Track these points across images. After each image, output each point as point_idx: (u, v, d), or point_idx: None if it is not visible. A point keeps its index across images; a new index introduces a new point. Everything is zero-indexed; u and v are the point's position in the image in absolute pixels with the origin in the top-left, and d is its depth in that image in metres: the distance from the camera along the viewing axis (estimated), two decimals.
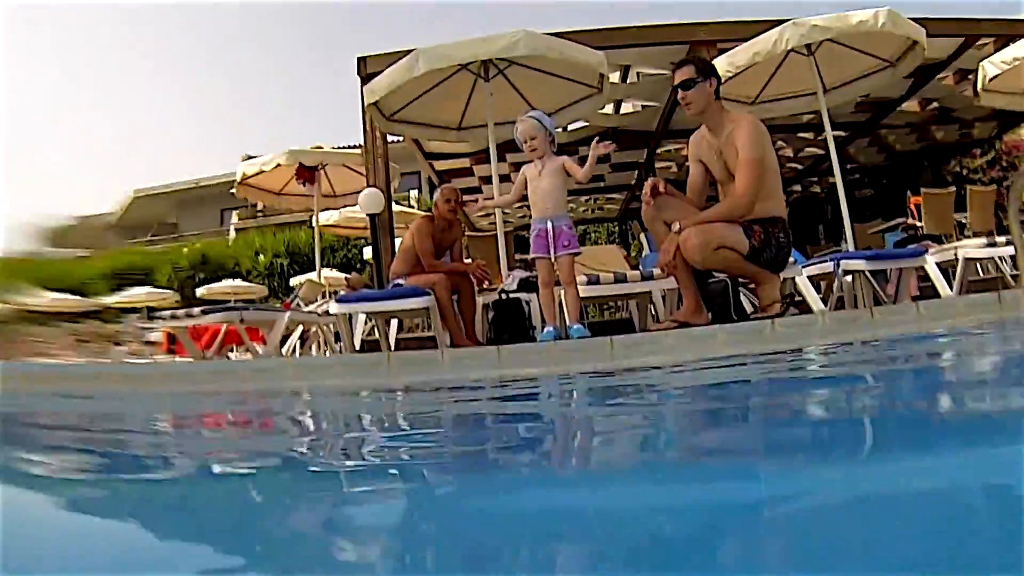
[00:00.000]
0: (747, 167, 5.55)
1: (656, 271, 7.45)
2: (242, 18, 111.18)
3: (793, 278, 6.47)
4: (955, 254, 8.87)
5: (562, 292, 6.08)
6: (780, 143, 15.63)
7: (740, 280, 7.32)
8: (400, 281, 8.02)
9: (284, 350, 11.10)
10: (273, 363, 5.38)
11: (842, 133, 15.50)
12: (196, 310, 8.58)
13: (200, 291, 26.17)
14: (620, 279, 7.36)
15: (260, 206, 36.10)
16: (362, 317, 8.43)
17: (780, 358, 4.45)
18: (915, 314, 5.40)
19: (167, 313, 8.92)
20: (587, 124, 14.56)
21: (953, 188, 13.40)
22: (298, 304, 11.96)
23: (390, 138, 11.82)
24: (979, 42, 12.65)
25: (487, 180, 16.71)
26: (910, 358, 4.28)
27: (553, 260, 5.78)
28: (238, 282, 26.34)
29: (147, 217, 44.50)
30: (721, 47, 10.95)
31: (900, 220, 12.90)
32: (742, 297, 7.43)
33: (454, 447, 2.56)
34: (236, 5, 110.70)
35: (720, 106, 5.91)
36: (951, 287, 8.24)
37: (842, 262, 7.72)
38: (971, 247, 8.96)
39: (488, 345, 7.80)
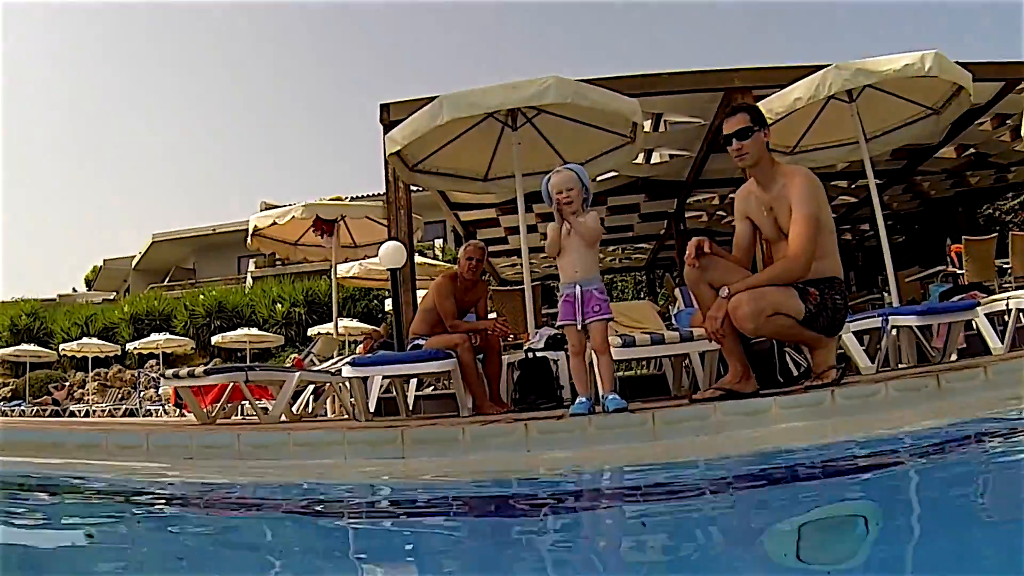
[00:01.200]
0: (802, 224, 5.09)
1: (696, 331, 7.00)
2: (268, 61, 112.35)
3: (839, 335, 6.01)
4: (1007, 304, 8.37)
5: (594, 359, 5.66)
6: None
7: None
8: (420, 341, 7.61)
9: (296, 406, 10.69)
10: (273, 438, 4.90)
11: (877, 181, 15.01)
12: (199, 370, 8.19)
13: (215, 339, 26.23)
14: (657, 340, 6.88)
15: (292, 259, 35.82)
16: (379, 378, 8.01)
17: (880, 457, 3.82)
18: (983, 379, 4.91)
19: (170, 372, 8.53)
20: (617, 174, 14.12)
21: (995, 234, 13.01)
22: (312, 360, 11.58)
23: (414, 187, 11.48)
24: (1019, 87, 12.25)
25: (514, 231, 16.44)
26: None
27: (581, 327, 5.32)
28: (254, 331, 26.17)
29: (166, 262, 44.76)
30: (757, 94, 10.61)
31: (940, 268, 12.46)
32: (787, 357, 7.01)
33: None
34: (262, 49, 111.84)
35: (772, 158, 5.48)
36: (1000, 338, 7.75)
37: (891, 318, 7.33)
38: None
39: (514, 407, 7.41)
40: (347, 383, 7.77)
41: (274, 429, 5.49)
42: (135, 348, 28.18)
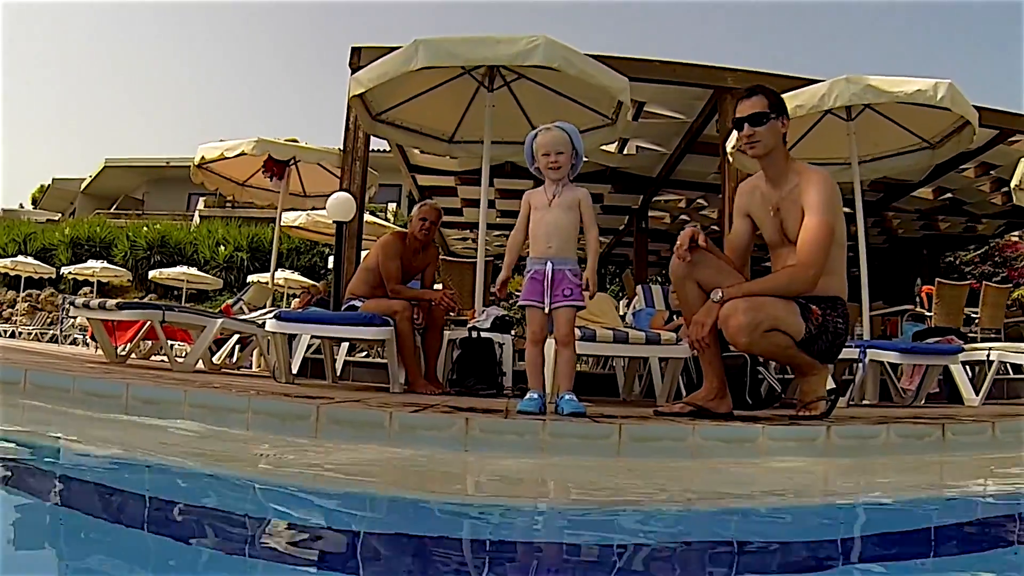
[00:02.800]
0: (816, 231, 4.35)
1: (664, 335, 6.25)
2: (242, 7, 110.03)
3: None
4: (988, 355, 7.82)
5: (554, 352, 4.88)
6: None
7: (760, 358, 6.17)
8: (356, 303, 6.79)
9: (219, 355, 9.82)
10: (166, 394, 4.05)
11: (848, 210, 14.44)
12: (111, 302, 7.32)
13: (153, 274, 25.21)
14: (620, 338, 6.12)
15: (237, 200, 34.91)
16: (306, 337, 7.17)
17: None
18: (990, 436, 4.22)
19: (80, 301, 7.63)
20: (585, 159, 13.29)
21: (970, 282, 12.69)
22: (242, 308, 10.69)
23: (375, 145, 10.63)
24: (1012, 138, 11.73)
25: (471, 203, 15.59)
26: None
27: (547, 311, 4.49)
28: (193, 270, 25.06)
29: (116, 189, 43.30)
30: None
31: (907, 307, 11.94)
32: (759, 377, 6.32)
33: None
34: None
35: (787, 152, 4.71)
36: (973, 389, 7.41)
37: (869, 351, 6.75)
38: (1010, 350, 7.96)
39: (450, 389, 6.66)
40: (271, 338, 6.89)
41: (171, 384, 4.63)
42: (70, 273, 26.89)
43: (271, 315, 6.51)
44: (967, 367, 7.77)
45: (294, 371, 6.97)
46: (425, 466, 3.35)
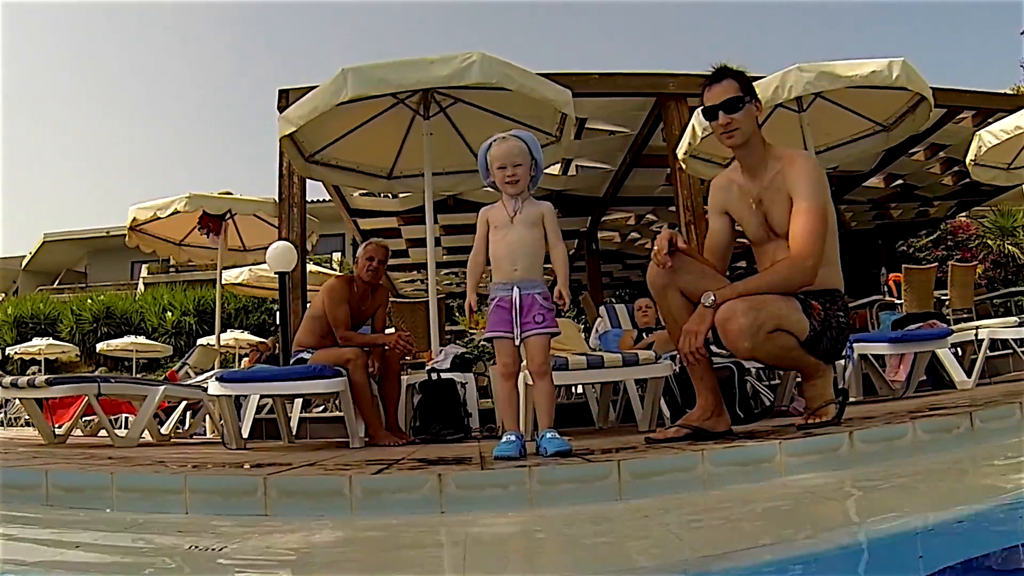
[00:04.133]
0: (809, 217, 3.91)
1: (642, 354, 5.73)
2: (176, 60, 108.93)
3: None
4: (976, 334, 7.51)
5: (529, 386, 4.38)
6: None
7: (748, 365, 5.72)
8: (304, 355, 6.24)
9: (167, 425, 9.18)
10: (91, 479, 3.50)
11: None
12: (40, 379, 6.66)
13: (100, 346, 24.40)
14: (595, 363, 5.58)
15: (172, 260, 34.15)
16: (255, 397, 6.59)
17: None
18: (1019, 419, 3.75)
19: (7, 380, 6.98)
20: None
21: (935, 264, 12.45)
22: (187, 373, 10.07)
23: (315, 195, 10.12)
24: (959, 116, 11.52)
25: (416, 243, 15.05)
26: None
27: (518, 342, 3.97)
28: (141, 339, 24.21)
29: (57, 263, 42.20)
30: (693, 104, 9.57)
31: (876, 298, 11.59)
32: (749, 387, 5.87)
33: None
34: (169, 47, 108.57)
35: (763, 138, 4.26)
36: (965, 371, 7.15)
37: (856, 345, 6.37)
38: (999, 327, 7.68)
39: (414, 438, 6.14)
40: (216, 402, 6.30)
41: (98, 467, 4.05)
42: (16, 353, 25.93)
43: (212, 377, 5.95)
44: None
45: (245, 435, 6.38)
46: (396, 541, 2.78)
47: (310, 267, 12.13)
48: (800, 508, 2.87)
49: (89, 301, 31.68)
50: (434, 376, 6.52)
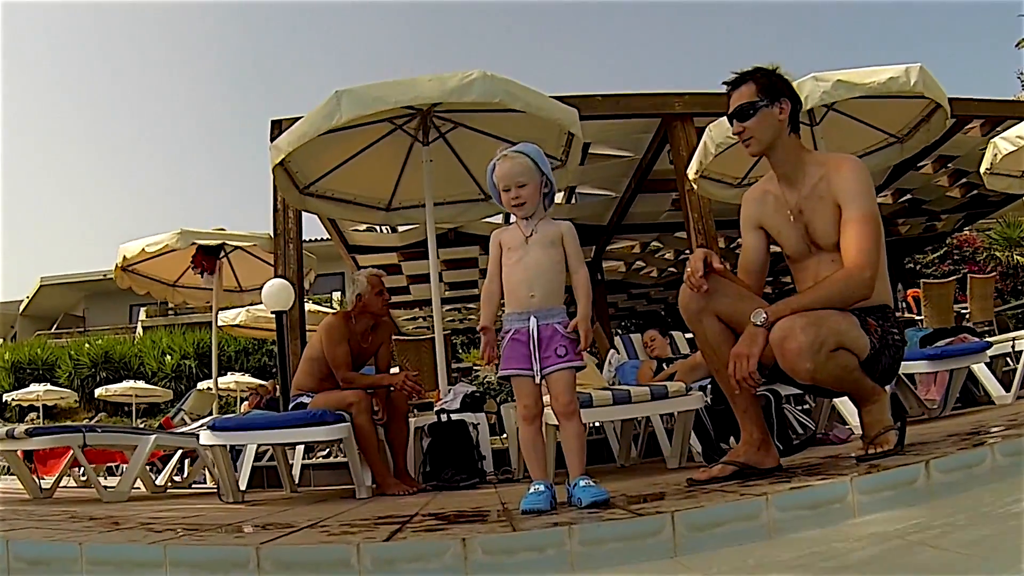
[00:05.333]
0: (863, 226, 3.47)
1: (672, 386, 5.24)
2: (166, 98, 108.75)
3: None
4: (1013, 346, 7.35)
5: (552, 428, 3.89)
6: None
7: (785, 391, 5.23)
8: (304, 399, 5.75)
9: (162, 477, 8.70)
10: (56, 551, 3.01)
11: None
12: (20, 429, 6.20)
13: (99, 391, 23.78)
14: (622, 399, 5.08)
15: (168, 301, 33.72)
16: (252, 445, 6.11)
17: None
18: None
19: None
20: None
21: (953, 278, 12.07)
22: (183, 420, 9.58)
23: (313, 234, 9.68)
24: (968, 126, 11.15)
25: (417, 279, 14.48)
26: None
27: (539, 379, 3.53)
28: (141, 383, 23.69)
29: (54, 308, 41.69)
30: (700, 123, 9.18)
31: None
32: (787, 417, 5.39)
33: None
34: (168, 82, 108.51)
35: (799, 143, 3.80)
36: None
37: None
38: None
39: (426, 485, 5.66)
40: (210, 452, 5.80)
41: (65, 535, 3.57)
42: (13, 400, 25.40)
43: (204, 426, 5.47)
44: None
45: (244, 485, 5.90)
46: None
47: (309, 306, 11.69)
48: (893, 559, 2.39)
49: (87, 345, 31.27)
50: (444, 418, 6.06)
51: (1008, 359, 7.77)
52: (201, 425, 7.97)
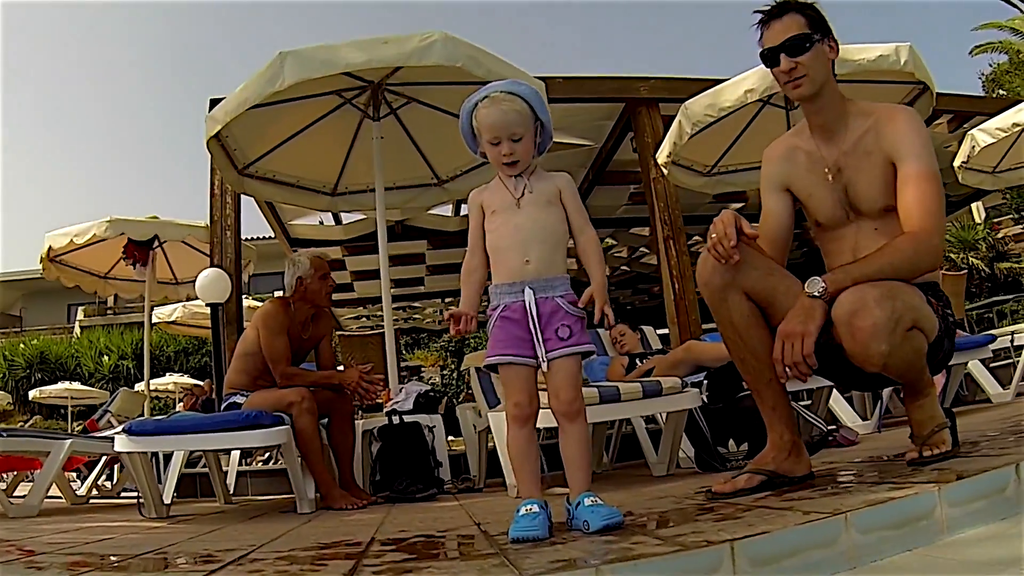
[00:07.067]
0: (927, 185, 2.81)
1: (665, 381, 4.48)
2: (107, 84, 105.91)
3: None
4: (1011, 340, 7.21)
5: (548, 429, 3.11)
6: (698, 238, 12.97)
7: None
8: (238, 399, 4.91)
9: (85, 486, 7.80)
10: None
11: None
12: None
13: (33, 393, 22.67)
14: (610, 397, 4.15)
15: (109, 301, 32.42)
16: (179, 453, 5.26)
17: None
18: None
19: None
20: None
21: (964, 271, 11.79)
22: (109, 422, 8.66)
23: (254, 232, 8.84)
24: (936, 121, 10.66)
25: (362, 276, 13.51)
26: None
27: (543, 366, 2.64)
28: (77, 385, 22.58)
29: None
30: (665, 110, 8.55)
31: None
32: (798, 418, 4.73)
33: None
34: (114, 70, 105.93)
35: (838, 90, 3.12)
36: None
37: None
38: None
39: (376, 497, 4.90)
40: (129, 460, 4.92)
41: None
42: None
43: (120, 430, 4.62)
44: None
45: (170, 498, 5.05)
46: None
47: (248, 301, 10.80)
48: None
49: (22, 346, 29.89)
50: (395, 419, 5.27)
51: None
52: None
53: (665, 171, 7.52)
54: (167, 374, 19.70)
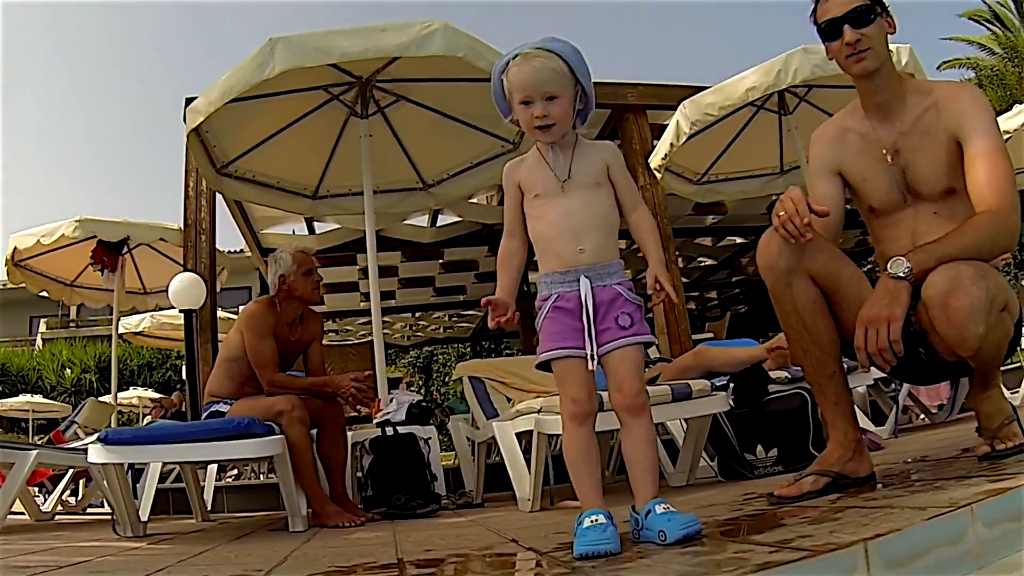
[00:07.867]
0: (998, 161, 2.60)
1: (695, 384, 4.11)
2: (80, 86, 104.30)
3: None
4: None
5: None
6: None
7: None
8: (222, 407, 4.49)
9: (51, 501, 7.32)
10: None
11: (740, 239, 12.87)
12: None
13: None
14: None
15: (72, 313, 31.64)
16: (155, 466, 4.82)
17: None
18: None
19: None
20: (460, 219, 11.00)
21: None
22: (76, 433, 8.17)
23: (227, 246, 8.39)
24: None
25: (337, 288, 12.94)
26: None
27: (595, 361, 2.25)
28: (38, 398, 21.96)
29: None
30: (653, 117, 8.34)
31: None
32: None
33: None
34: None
35: (895, 68, 2.89)
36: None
37: None
38: None
39: (374, 513, 4.53)
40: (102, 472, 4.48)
41: None
42: None
43: (93, 440, 4.17)
44: None
45: (145, 516, 4.61)
46: None
47: (221, 313, 10.35)
48: None
49: None
50: (388, 431, 4.88)
51: None
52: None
53: (658, 175, 7.25)
54: (131, 388, 19.18)
